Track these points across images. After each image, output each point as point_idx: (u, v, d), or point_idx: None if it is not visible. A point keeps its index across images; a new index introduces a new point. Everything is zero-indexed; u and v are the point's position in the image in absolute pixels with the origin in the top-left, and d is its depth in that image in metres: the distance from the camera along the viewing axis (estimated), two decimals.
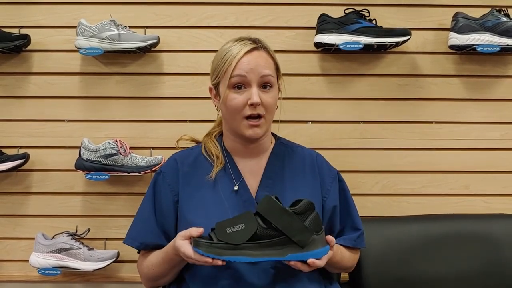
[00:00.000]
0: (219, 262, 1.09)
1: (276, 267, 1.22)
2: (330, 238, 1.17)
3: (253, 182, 1.32)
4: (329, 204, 1.34)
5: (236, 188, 1.30)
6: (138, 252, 1.37)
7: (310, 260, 1.10)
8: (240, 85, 1.25)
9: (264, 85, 1.26)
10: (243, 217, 1.11)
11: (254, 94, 1.23)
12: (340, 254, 1.31)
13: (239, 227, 1.09)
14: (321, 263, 1.13)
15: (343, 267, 1.37)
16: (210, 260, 1.09)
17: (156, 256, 1.28)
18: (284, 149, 1.39)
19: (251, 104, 1.23)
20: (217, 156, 1.33)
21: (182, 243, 1.14)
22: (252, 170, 1.34)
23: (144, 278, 1.34)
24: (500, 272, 1.59)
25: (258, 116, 1.25)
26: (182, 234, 1.15)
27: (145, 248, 1.33)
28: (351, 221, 1.38)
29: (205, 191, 1.30)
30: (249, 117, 1.25)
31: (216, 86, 1.30)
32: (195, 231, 1.12)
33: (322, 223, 1.15)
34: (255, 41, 1.29)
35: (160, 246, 1.29)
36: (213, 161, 1.32)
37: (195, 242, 1.10)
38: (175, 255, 1.19)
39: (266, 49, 1.30)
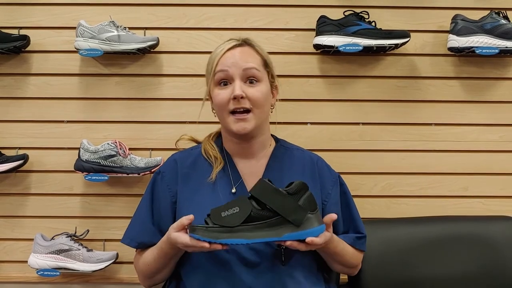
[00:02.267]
0: (219, 246, 1.09)
1: (273, 270, 1.22)
2: (328, 216, 1.17)
3: (252, 184, 1.31)
4: (330, 208, 1.33)
5: (234, 190, 1.30)
6: (136, 250, 1.38)
7: (309, 239, 1.10)
8: (225, 82, 1.26)
9: (250, 80, 1.26)
10: (238, 201, 1.12)
11: (237, 86, 1.24)
12: (342, 245, 1.30)
13: (234, 210, 1.10)
14: (319, 240, 1.12)
15: (347, 263, 1.34)
16: (207, 245, 1.08)
17: (151, 253, 1.29)
18: (284, 152, 1.38)
19: (234, 98, 1.23)
20: (216, 157, 1.33)
21: (177, 235, 1.14)
22: (251, 172, 1.33)
23: (141, 276, 1.35)
24: (499, 274, 1.59)
25: (246, 111, 1.25)
26: (174, 226, 1.16)
27: (143, 247, 1.34)
28: (354, 226, 1.38)
29: (204, 192, 1.30)
30: (234, 112, 1.25)
31: (209, 87, 1.32)
32: (186, 219, 1.13)
33: (317, 203, 1.16)
34: (239, 39, 1.30)
35: None
36: (212, 163, 1.33)
37: (191, 228, 1.11)
38: (170, 248, 1.19)
39: (251, 45, 1.31)
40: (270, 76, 1.33)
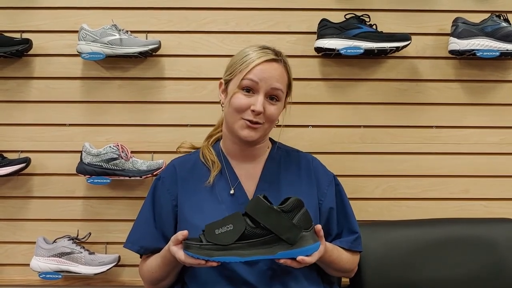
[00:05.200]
0: (214, 264, 1.11)
1: (273, 268, 1.24)
2: (318, 227, 1.17)
3: (250, 186, 1.34)
4: (326, 207, 1.36)
5: (232, 192, 1.32)
6: (141, 257, 1.39)
7: (299, 258, 1.11)
8: (249, 89, 1.28)
9: (272, 97, 1.29)
10: (232, 217, 1.12)
11: (259, 102, 1.26)
12: (337, 253, 1.32)
13: (228, 227, 1.10)
14: (311, 259, 1.14)
15: (342, 269, 1.36)
16: (203, 262, 1.10)
17: (155, 260, 1.30)
18: (280, 154, 1.41)
19: (253, 111, 1.26)
20: (213, 161, 1.35)
21: (176, 249, 1.16)
22: (249, 174, 1.36)
23: (146, 282, 1.36)
24: (500, 276, 1.59)
25: (257, 123, 1.28)
26: (173, 239, 1.17)
27: (145, 251, 1.35)
28: (348, 225, 1.39)
29: (203, 194, 1.32)
30: (247, 120, 1.27)
31: (227, 82, 1.33)
32: (180, 235, 1.14)
33: (312, 220, 1.16)
34: (277, 53, 1.32)
35: (159, 250, 1.30)
36: (210, 167, 1.35)
37: (185, 244, 1.12)
38: (173, 256, 1.20)
39: (285, 64, 1.33)
40: (287, 96, 1.36)
